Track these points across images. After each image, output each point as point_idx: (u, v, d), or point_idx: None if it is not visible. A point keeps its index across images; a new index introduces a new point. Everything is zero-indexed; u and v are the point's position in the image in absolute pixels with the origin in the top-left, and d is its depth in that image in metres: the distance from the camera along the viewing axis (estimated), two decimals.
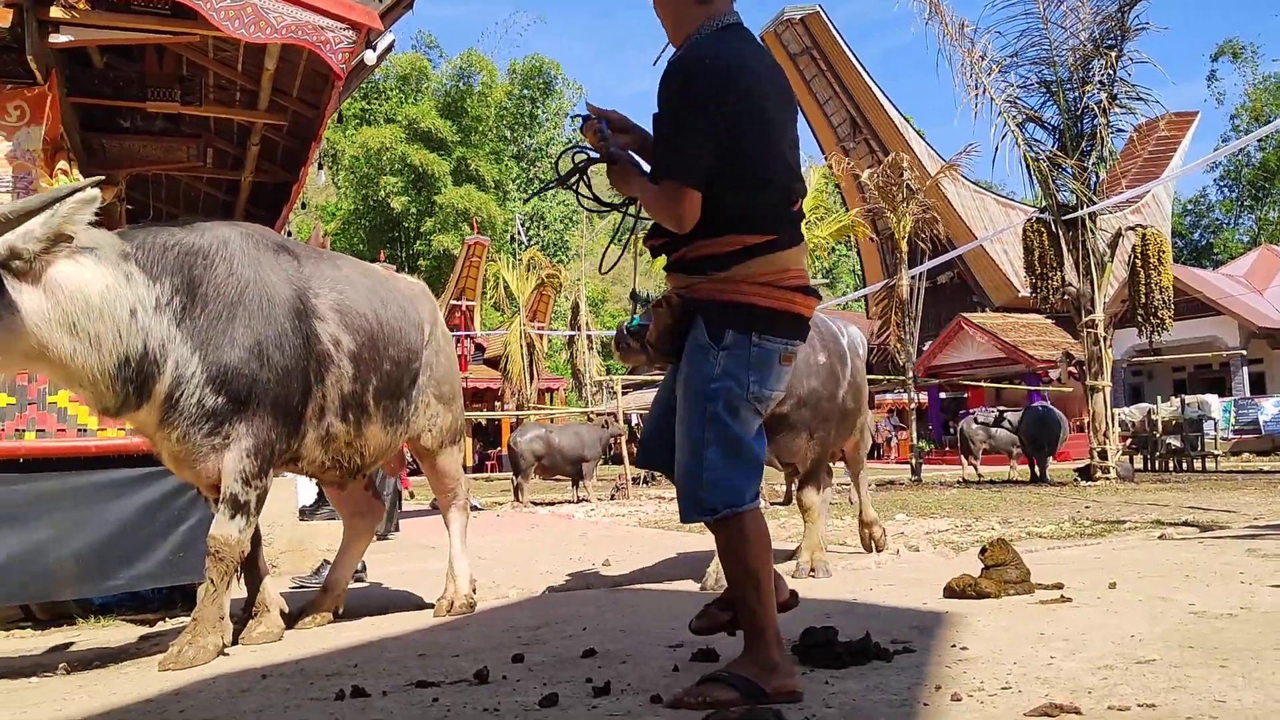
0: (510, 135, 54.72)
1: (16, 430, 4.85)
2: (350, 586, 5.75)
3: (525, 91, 55.13)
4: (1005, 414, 18.56)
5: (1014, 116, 16.45)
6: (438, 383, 4.69)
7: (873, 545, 6.63)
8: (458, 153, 47.82)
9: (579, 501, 15.63)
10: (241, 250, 3.80)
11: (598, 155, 2.91)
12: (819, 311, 5.51)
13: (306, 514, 7.23)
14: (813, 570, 5.49)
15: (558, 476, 16.92)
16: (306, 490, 7.89)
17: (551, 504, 15.49)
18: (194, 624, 3.68)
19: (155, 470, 4.87)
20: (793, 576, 5.37)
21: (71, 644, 4.53)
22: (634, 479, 18.21)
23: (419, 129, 46.64)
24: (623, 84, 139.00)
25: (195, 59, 7.40)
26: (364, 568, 6.05)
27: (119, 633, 4.89)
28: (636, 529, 9.70)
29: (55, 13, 5.49)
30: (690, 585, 5.31)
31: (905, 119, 36.58)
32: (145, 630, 4.90)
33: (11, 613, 5.13)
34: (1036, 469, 16.55)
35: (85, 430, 4.96)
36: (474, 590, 4.87)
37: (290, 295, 3.86)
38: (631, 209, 3.01)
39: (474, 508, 14.60)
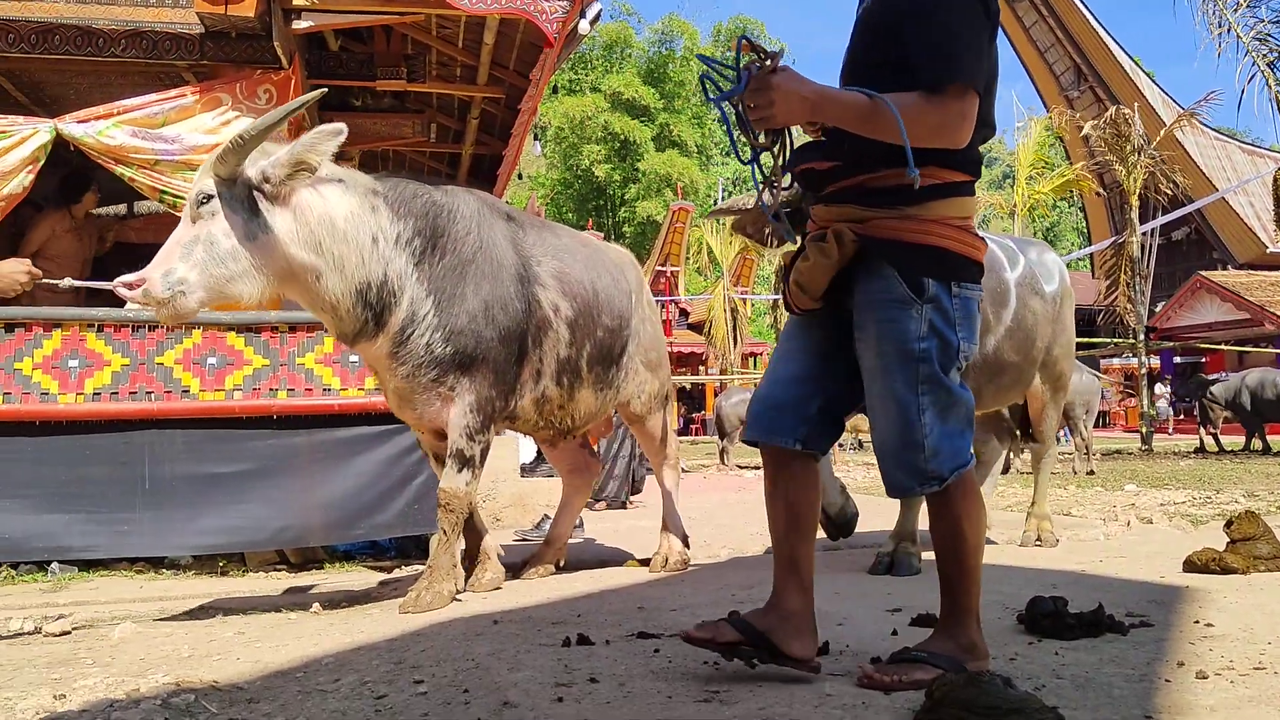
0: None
1: (270, 389, 5.28)
2: (569, 541, 5.97)
3: (729, 53, 54.75)
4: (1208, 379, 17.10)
5: (1263, 55, 15.10)
6: (645, 349, 4.75)
7: (1037, 543, 5.32)
8: (660, 119, 48.08)
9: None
10: (479, 213, 3.95)
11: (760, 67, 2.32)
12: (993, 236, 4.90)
13: (527, 470, 7.54)
14: (1039, 540, 5.25)
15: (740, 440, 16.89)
16: (527, 448, 8.22)
17: (756, 468, 15.49)
18: (430, 571, 3.91)
19: (392, 428, 5.21)
20: (1020, 546, 5.22)
21: (314, 587, 4.91)
22: (839, 444, 17.94)
23: (622, 97, 47.18)
24: (826, 40, 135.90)
25: (420, 38, 7.76)
26: (581, 524, 6.26)
27: (361, 577, 5.27)
28: None
29: (297, 0, 5.88)
30: None
31: (1135, 61, 34.05)
32: (384, 576, 5.26)
33: (269, 556, 5.63)
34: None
35: (330, 390, 5.34)
36: (687, 548, 4.95)
37: (516, 261, 4.00)
38: (768, 157, 2.46)
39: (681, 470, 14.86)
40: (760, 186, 2.49)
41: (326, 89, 3.86)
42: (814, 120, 2.41)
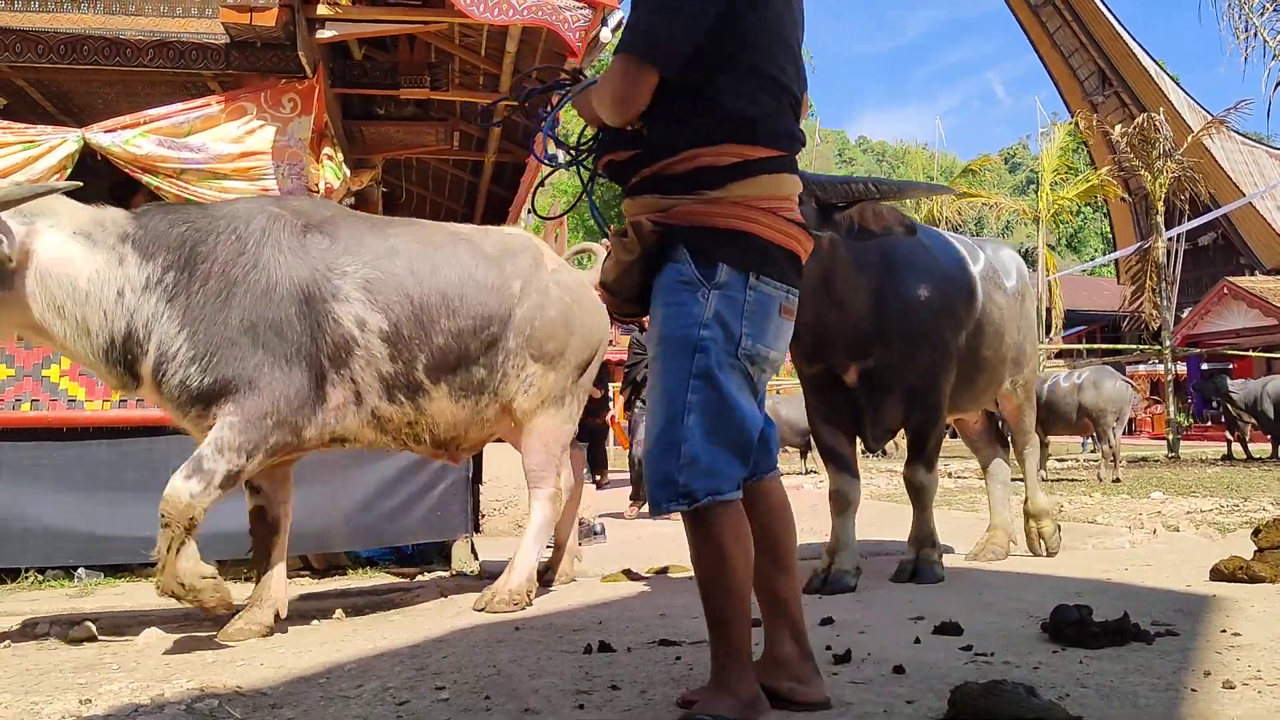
0: None
1: None
2: (589, 547, 5.98)
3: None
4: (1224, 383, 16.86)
5: None
6: (537, 342, 4.16)
7: (1041, 545, 5.26)
8: None
9: (807, 473, 15.52)
10: (262, 230, 3.63)
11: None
12: (952, 235, 4.86)
13: None
14: (1045, 546, 5.15)
15: (786, 448, 16.87)
16: None
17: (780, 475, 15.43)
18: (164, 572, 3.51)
19: None
20: (967, 558, 5.09)
21: (337, 592, 4.93)
22: (863, 451, 17.88)
23: None
24: (852, 44, 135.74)
25: (443, 46, 7.80)
26: (603, 530, 6.26)
27: (383, 583, 5.29)
28: (868, 501, 9.52)
29: (321, 10, 5.93)
30: None
31: (1159, 65, 33.77)
32: (406, 582, 5.28)
33: (293, 562, 5.63)
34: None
35: None
36: (529, 589, 4.17)
37: (306, 278, 3.62)
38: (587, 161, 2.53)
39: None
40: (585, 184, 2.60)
41: (81, 184, 3.59)
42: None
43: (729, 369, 2.13)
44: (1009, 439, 5.57)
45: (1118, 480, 11.63)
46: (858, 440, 4.63)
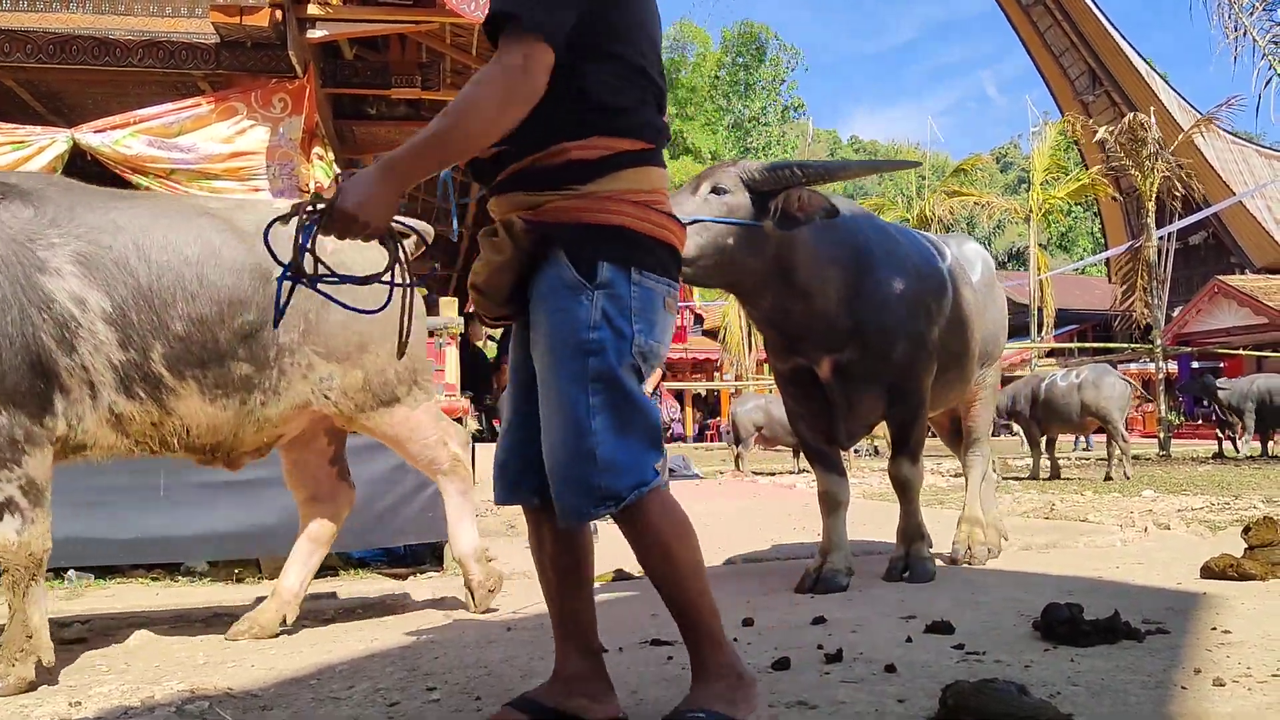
0: (726, 105, 54.61)
1: None
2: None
3: (740, 59, 54.79)
4: (1211, 380, 16.99)
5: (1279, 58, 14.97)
6: (324, 337, 3.63)
7: (969, 554, 4.83)
8: (674, 125, 48.21)
9: (799, 472, 15.54)
10: None
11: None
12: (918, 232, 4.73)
13: None
14: (970, 554, 4.82)
15: (778, 447, 16.89)
16: None
17: (772, 474, 15.47)
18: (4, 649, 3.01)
19: None
20: (950, 561, 4.84)
21: (329, 594, 4.92)
22: (855, 450, 17.90)
23: None
24: (845, 44, 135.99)
25: (434, 46, 7.80)
26: (595, 530, 6.24)
27: (375, 584, 5.28)
28: (860, 500, 9.56)
29: (312, 9, 5.93)
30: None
31: (1149, 64, 33.85)
32: (398, 583, 5.27)
33: (282, 563, 5.63)
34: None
35: None
36: (491, 571, 4.06)
37: (10, 251, 3.11)
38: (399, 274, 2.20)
39: (696, 476, 14.84)
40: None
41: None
42: (409, 185, 2.11)
43: (626, 367, 2.07)
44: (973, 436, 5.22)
45: (1109, 478, 11.66)
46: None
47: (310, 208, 2.04)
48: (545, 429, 2.09)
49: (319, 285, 2.16)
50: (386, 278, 2.17)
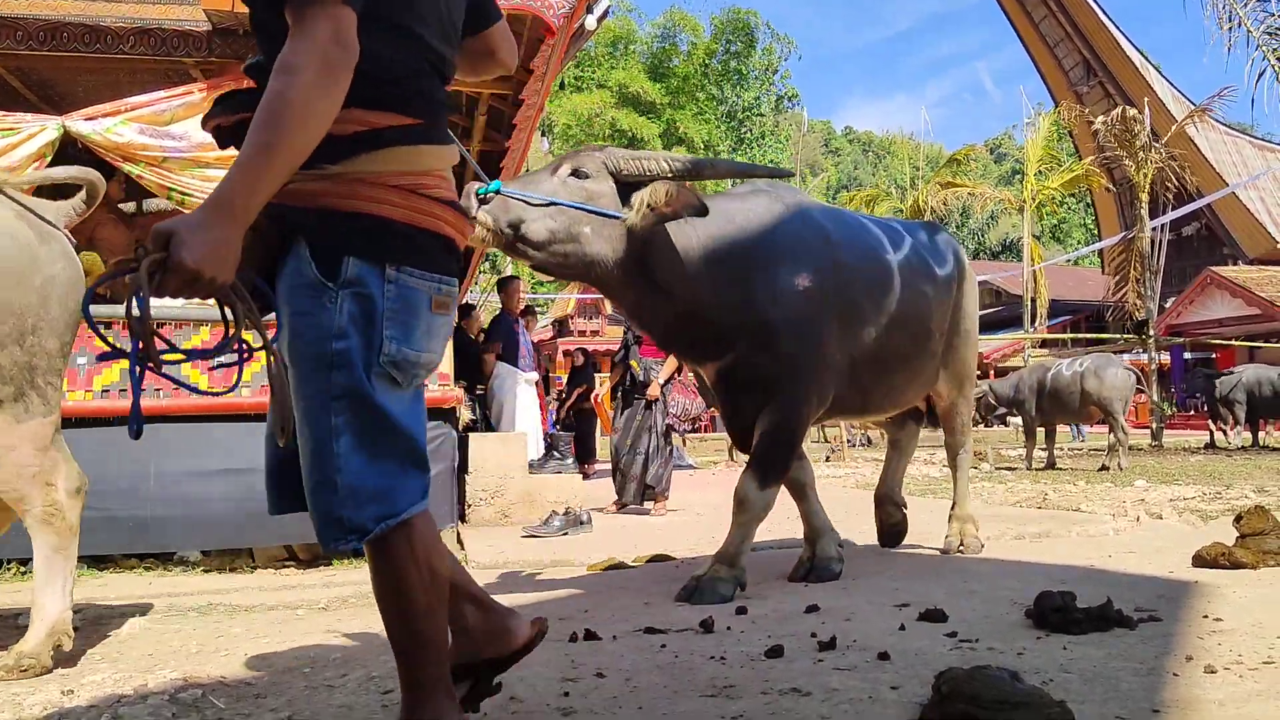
0: (719, 94, 54.44)
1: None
2: (576, 536, 5.99)
3: (732, 47, 54.56)
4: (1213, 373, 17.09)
5: (1274, 50, 15.02)
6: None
7: (961, 548, 4.83)
8: (666, 115, 48.07)
9: None
10: None
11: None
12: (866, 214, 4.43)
13: (535, 467, 7.54)
14: (963, 549, 4.79)
15: None
16: (535, 445, 8.22)
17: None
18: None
19: None
20: (943, 552, 4.87)
21: (322, 583, 4.91)
22: (849, 441, 17.94)
23: (628, 93, 47.19)
24: (840, 35, 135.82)
25: None
26: (589, 519, 6.26)
27: (368, 574, 5.28)
28: (853, 491, 9.57)
29: None
30: (919, 548, 5.19)
31: (1143, 55, 33.87)
32: None
33: (277, 552, 5.64)
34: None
35: None
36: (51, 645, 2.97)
37: None
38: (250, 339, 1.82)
39: (690, 467, 14.83)
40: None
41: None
42: (250, 220, 1.63)
43: (376, 378, 1.78)
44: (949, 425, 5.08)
45: (1104, 468, 11.69)
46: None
47: (136, 266, 1.57)
48: (300, 446, 1.81)
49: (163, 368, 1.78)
50: (236, 347, 1.79)
